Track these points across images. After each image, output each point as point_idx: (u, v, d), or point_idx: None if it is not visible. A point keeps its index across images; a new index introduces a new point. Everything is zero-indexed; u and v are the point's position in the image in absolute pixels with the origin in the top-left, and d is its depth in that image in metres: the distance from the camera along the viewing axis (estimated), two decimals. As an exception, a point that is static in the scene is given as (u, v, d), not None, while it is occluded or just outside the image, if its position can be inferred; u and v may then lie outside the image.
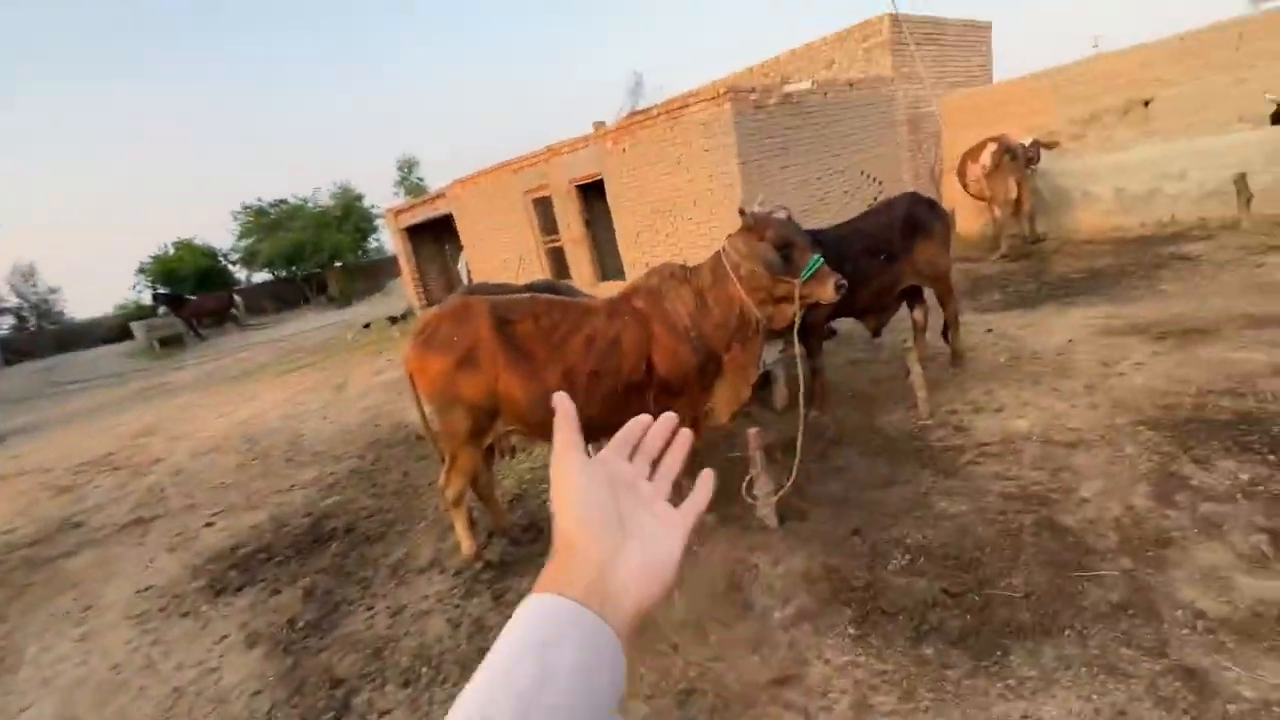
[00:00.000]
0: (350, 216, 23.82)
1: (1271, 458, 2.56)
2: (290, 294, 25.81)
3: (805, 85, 7.41)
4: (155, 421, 8.39)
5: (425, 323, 2.82)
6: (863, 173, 8.56)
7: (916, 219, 3.88)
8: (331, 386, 8.28)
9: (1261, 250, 5.48)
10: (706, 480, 0.51)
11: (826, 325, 4.01)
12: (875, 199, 8.54)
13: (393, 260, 21.84)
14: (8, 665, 2.99)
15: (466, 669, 2.35)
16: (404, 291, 15.33)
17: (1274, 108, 6.57)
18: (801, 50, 10.05)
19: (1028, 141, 7.44)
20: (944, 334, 4.27)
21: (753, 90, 6.93)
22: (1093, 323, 4.57)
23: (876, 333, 4.24)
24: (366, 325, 13.56)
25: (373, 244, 25.90)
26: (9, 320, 25.56)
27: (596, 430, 2.96)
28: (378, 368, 8.95)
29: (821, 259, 2.60)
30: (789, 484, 2.82)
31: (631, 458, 0.51)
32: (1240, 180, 6.28)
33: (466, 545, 2.96)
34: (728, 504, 3.09)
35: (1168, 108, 7.86)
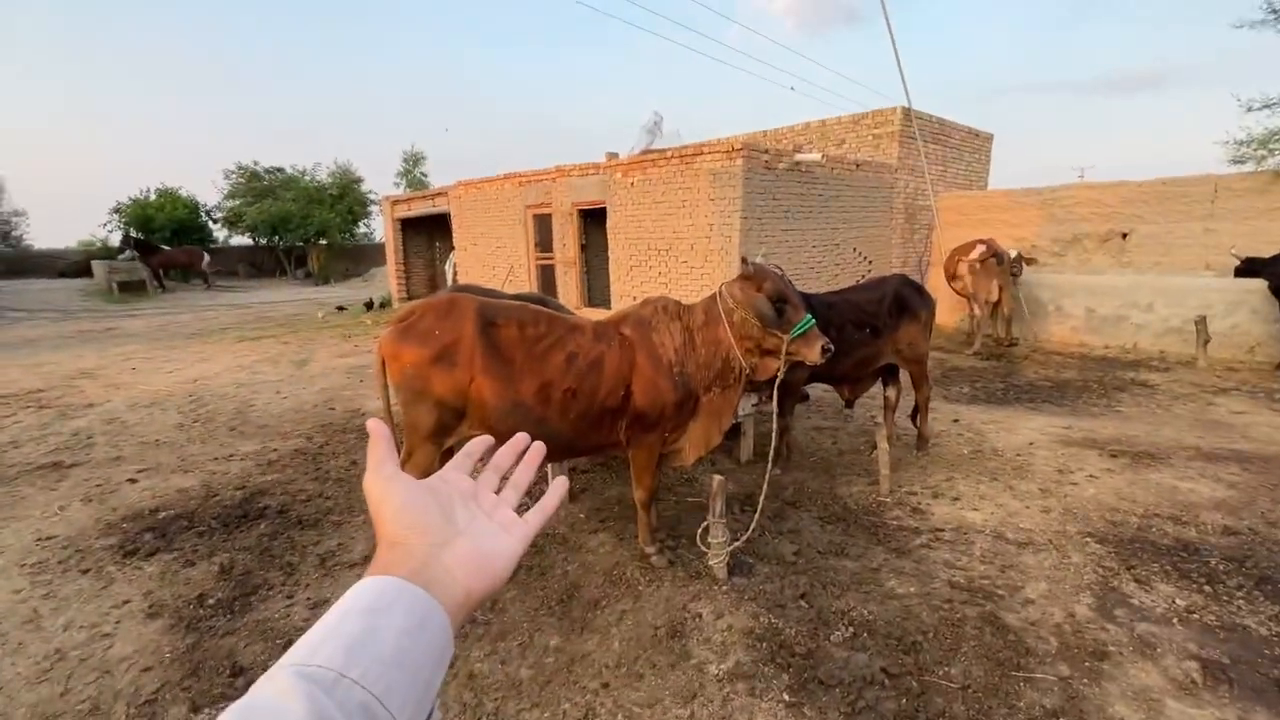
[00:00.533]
0: (345, 197, 23.53)
1: (1208, 588, 2.63)
2: (267, 263, 25.17)
3: (815, 156, 7.69)
4: (96, 365, 7.98)
5: (409, 310, 2.76)
6: (855, 250, 8.84)
7: (905, 300, 4.00)
8: (292, 361, 8.02)
9: (1214, 390, 5.78)
10: (557, 488, 0.57)
11: (803, 388, 4.06)
12: (863, 276, 8.82)
13: (379, 248, 21.57)
14: (-127, 596, 2.72)
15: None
16: (385, 280, 15.11)
17: (1237, 263, 7.04)
18: (816, 125, 10.47)
19: (1013, 254, 7.81)
20: (913, 416, 4.36)
21: (765, 151, 7.15)
22: (1053, 430, 4.71)
23: (849, 404, 4.31)
24: (340, 308, 13.29)
25: (362, 229, 25.58)
26: (-38, 236, 24.38)
27: (563, 450, 2.91)
28: (343, 350, 8.72)
29: (813, 320, 2.65)
30: (743, 538, 2.79)
31: (478, 473, 0.56)
32: (1201, 322, 6.66)
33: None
34: (679, 547, 3.04)
35: (1143, 242, 8.36)
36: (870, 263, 9.13)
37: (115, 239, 21.92)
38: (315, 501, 3.66)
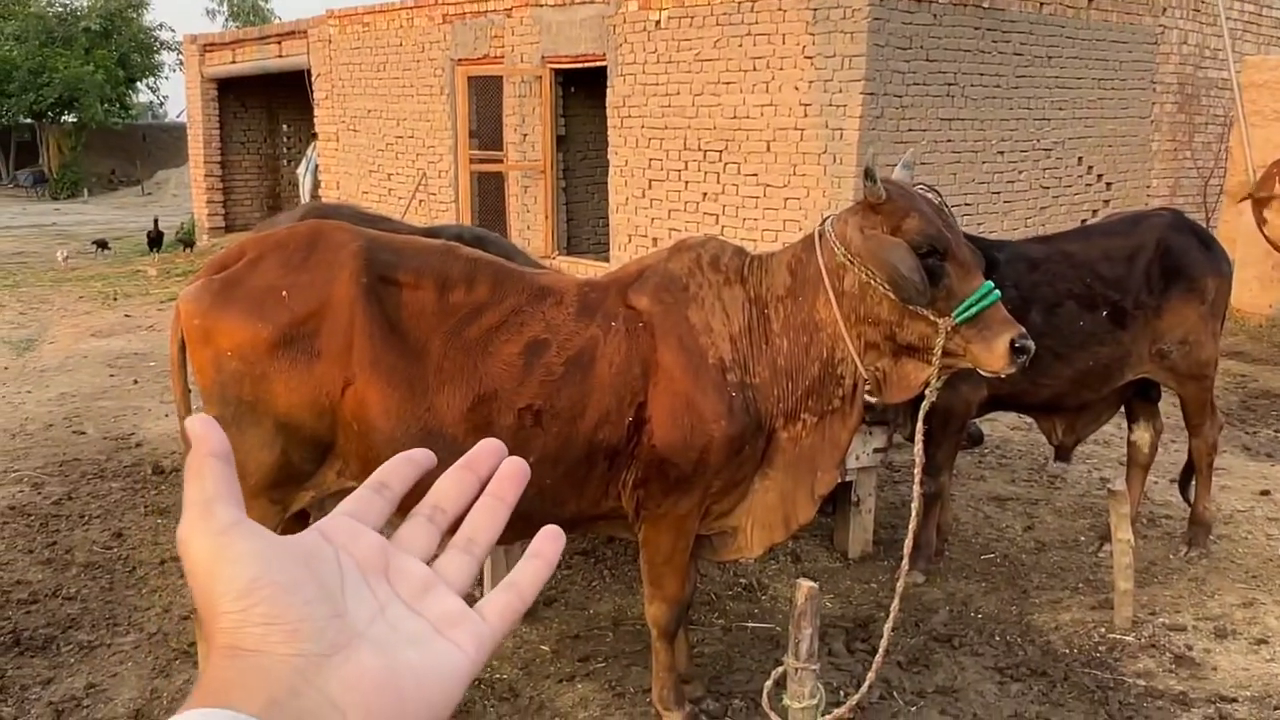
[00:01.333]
0: (113, 38, 23.82)
1: None
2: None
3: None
4: None
5: (235, 251, 2.81)
6: (1081, 160, 8.82)
7: (1178, 258, 3.99)
8: (7, 343, 8.15)
9: None
10: (544, 547, 0.55)
11: (973, 420, 4.07)
12: (1094, 213, 8.77)
13: (176, 132, 21.76)
14: None
15: None
16: (187, 194, 15.23)
17: None
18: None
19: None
20: (1183, 481, 4.35)
21: (913, -31, 7.16)
22: None
23: (1063, 452, 4.31)
24: (101, 244, 13.37)
25: (143, 96, 25.86)
26: None
27: (519, 520, 2.93)
28: (101, 324, 8.84)
29: (997, 292, 2.63)
30: (854, 699, 2.80)
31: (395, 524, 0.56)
32: None
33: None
34: (728, 713, 3.07)
35: None
36: (1109, 185, 9.10)
37: None
38: (46, 604, 3.73)
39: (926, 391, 2.71)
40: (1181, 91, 9.78)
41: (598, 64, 8.64)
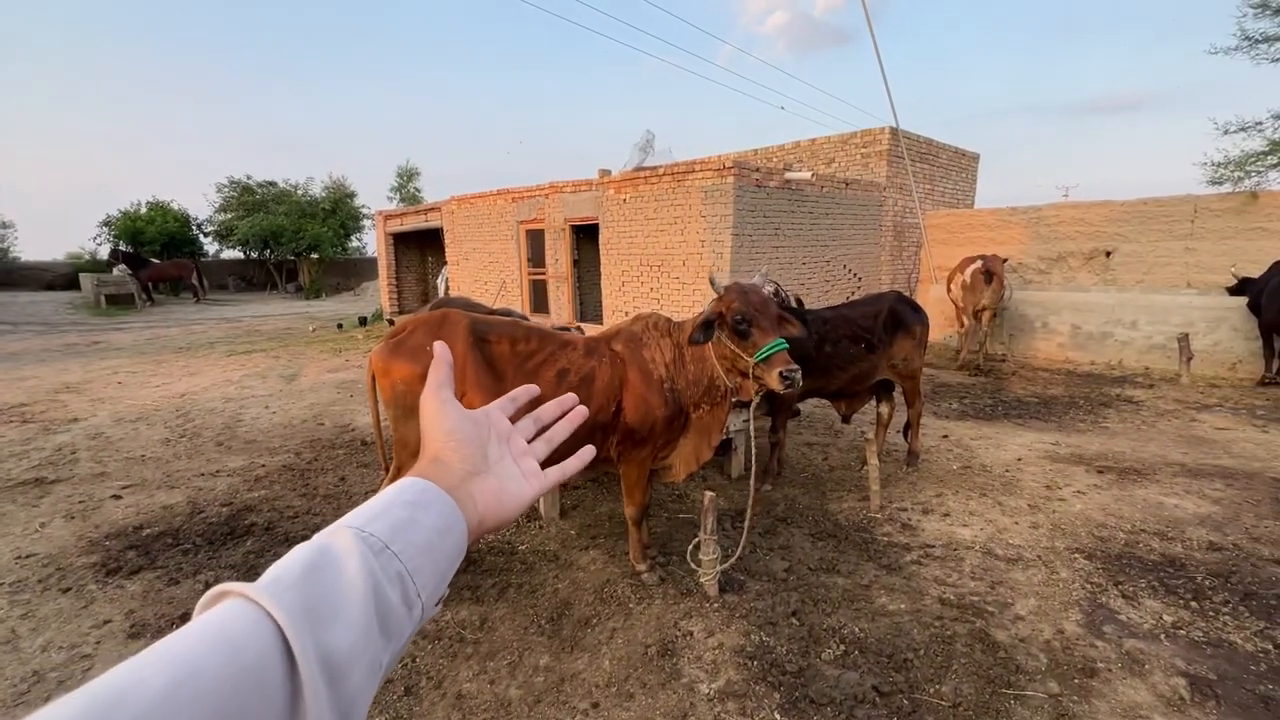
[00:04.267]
0: (338, 211, 23.53)
1: (1194, 604, 2.65)
2: (258, 276, 25.08)
3: (805, 174, 7.78)
4: (81, 379, 7.88)
5: (400, 326, 2.76)
6: (846, 267, 8.93)
7: (900, 315, 4.04)
8: (281, 376, 7.96)
9: (1197, 407, 5.86)
10: (583, 453, 0.64)
11: (796, 403, 4.08)
12: (853, 293, 8.90)
13: (372, 262, 21.51)
14: None
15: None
16: (377, 295, 15.04)
17: (1232, 282, 7.15)
18: (806, 144, 10.62)
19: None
20: (904, 432, 4.38)
21: (756, 169, 7.24)
22: (1041, 446, 4.75)
23: (846, 419, 4.33)
24: (339, 325, 13.10)
25: (355, 243, 25.56)
26: (-53, 248, 24.14)
27: (562, 457, 2.91)
28: (333, 365, 8.67)
29: (783, 344, 2.48)
30: (735, 555, 2.78)
31: (517, 419, 0.61)
32: (1184, 339, 6.76)
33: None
34: (670, 564, 3.03)
35: (1126, 260, 8.50)
36: (860, 279, 9.23)
37: (104, 252, 21.77)
38: (304, 518, 3.62)
39: (756, 395, 2.64)
40: (894, 229, 9.97)
41: (593, 222, 8.66)
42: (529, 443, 0.59)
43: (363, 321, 12.93)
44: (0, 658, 2.39)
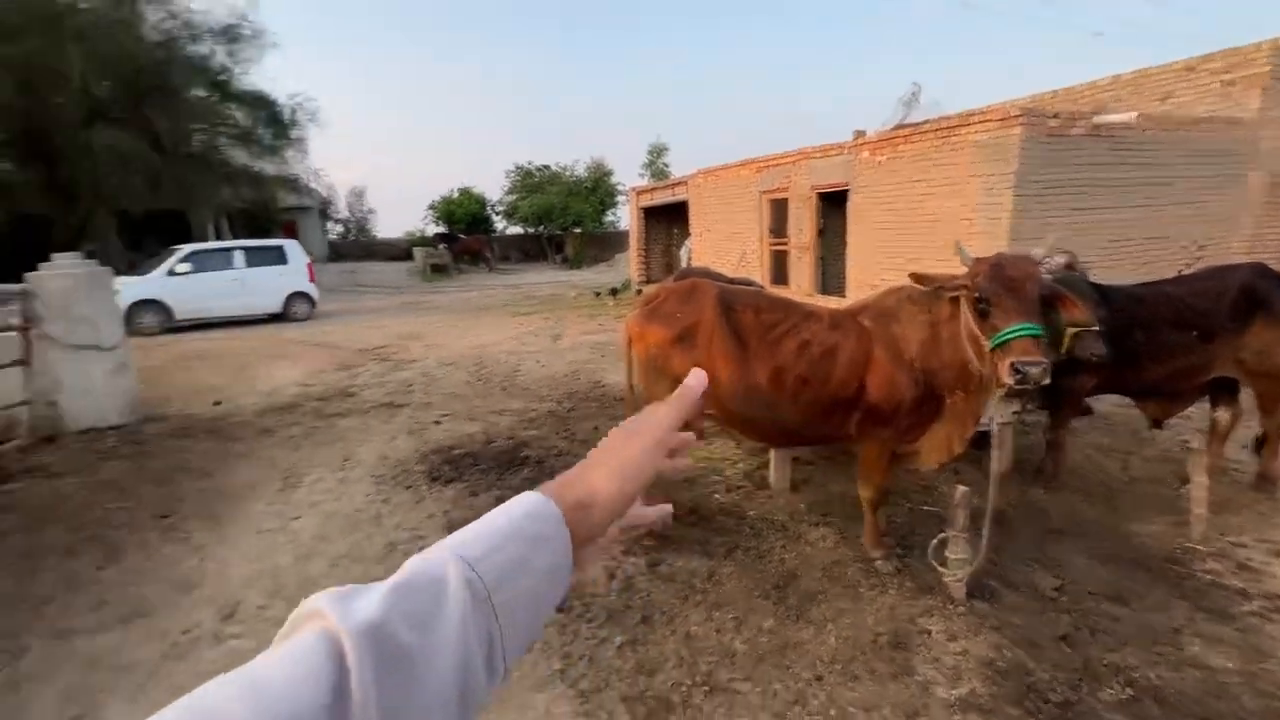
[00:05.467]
0: (598, 189, 26.07)
1: None
2: (533, 249, 29.20)
3: (1127, 117, 6.27)
4: (415, 330, 10.17)
5: (654, 294, 3.00)
6: (1183, 233, 7.02)
7: (1259, 295, 3.09)
8: (548, 335, 9.24)
9: None
10: (661, 511, 0.54)
11: (1086, 400, 3.42)
12: (1187, 266, 6.97)
13: (623, 235, 23.35)
14: (292, 482, 3.92)
15: (611, 617, 2.50)
16: (626, 266, 16.38)
17: None
18: (1129, 78, 8.49)
19: None
20: (1255, 447, 3.38)
21: (1054, 116, 6.05)
22: None
23: (1158, 423, 3.51)
24: (598, 294, 14.26)
25: (609, 217, 28.08)
26: (338, 229, 32.67)
27: (791, 436, 2.92)
28: (588, 329, 9.76)
29: (1028, 330, 2.07)
30: (981, 557, 2.48)
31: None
32: None
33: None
34: (908, 556, 2.84)
35: None
36: (1202, 249, 7.19)
37: (430, 230, 27.48)
38: (566, 457, 4.21)
39: (1004, 386, 2.21)
40: (1269, 183, 7.50)
41: (843, 188, 8.20)
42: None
43: (614, 292, 14.21)
44: (371, 529, 3.30)
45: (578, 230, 26.10)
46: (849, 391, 2.57)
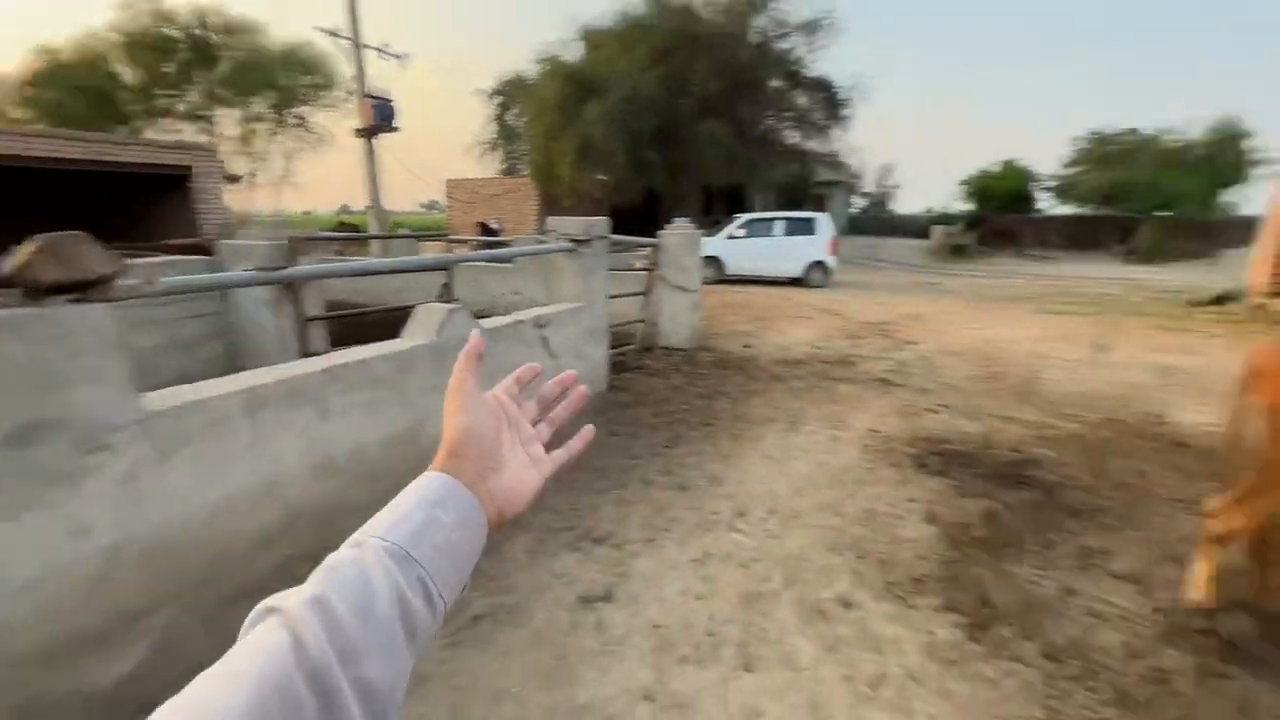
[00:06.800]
0: (1217, 159, 18.98)
1: None
2: (1083, 235, 23.83)
3: None
4: (922, 311, 9.89)
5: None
6: None
7: None
8: (1090, 344, 7.53)
9: None
10: (584, 434, 0.60)
11: None
12: None
13: (1244, 224, 16.69)
14: (794, 426, 4.53)
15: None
16: (1241, 268, 11.59)
17: None
18: None
19: None
20: None
21: None
22: None
23: None
24: (1219, 300, 10.65)
25: (1228, 198, 20.21)
26: (862, 203, 34.05)
27: None
28: (1159, 344, 7.48)
29: None
30: None
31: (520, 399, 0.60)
32: None
33: (1196, 590, 2.36)
34: None
35: None
36: None
37: (954, 207, 25.68)
38: (1089, 494, 3.48)
39: None
40: None
41: None
42: (535, 425, 0.59)
43: (1219, 301, 10.33)
44: (853, 489, 3.52)
45: (1165, 214, 19.82)
46: None
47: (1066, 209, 24.18)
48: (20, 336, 1.56)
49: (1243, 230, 15.46)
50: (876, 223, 30.39)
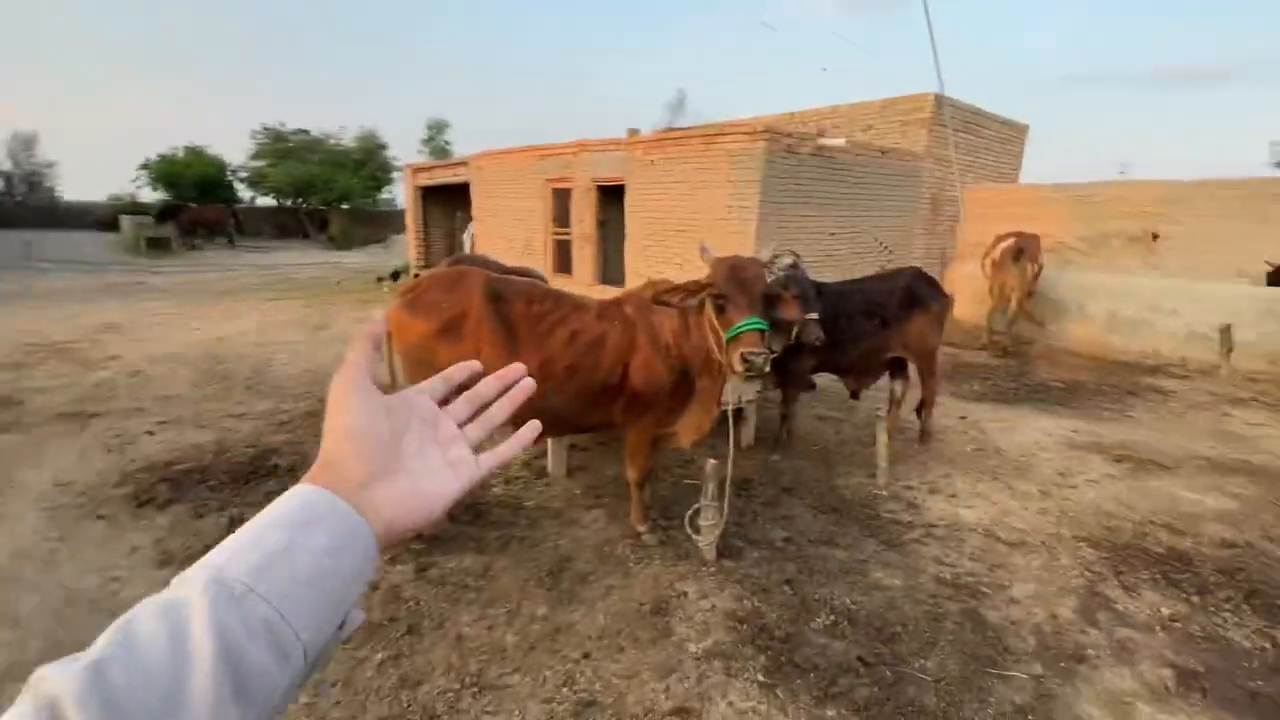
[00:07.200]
0: (369, 163, 23.64)
1: (1195, 599, 2.63)
2: (290, 224, 25.46)
3: (840, 142, 7.55)
4: (121, 319, 8.19)
5: (417, 283, 2.81)
6: (877, 239, 8.71)
7: (916, 293, 3.96)
8: (310, 325, 8.16)
9: (1231, 400, 5.67)
10: (522, 436, 0.53)
11: (809, 376, 4.06)
12: (884, 266, 8.70)
13: (400, 215, 21.66)
14: (-95, 529, 2.88)
15: (374, 634, 2.31)
16: (404, 248, 15.17)
17: (1269, 269, 6.83)
18: (844, 109, 10.25)
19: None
20: (918, 410, 4.35)
21: (789, 135, 7.04)
22: (1060, 432, 4.67)
23: (855, 395, 4.30)
24: (395, 275, 12.80)
25: (385, 195, 25.71)
26: (-2, 184, 24.90)
27: (562, 426, 2.96)
28: (361, 316, 8.85)
29: (755, 324, 2.34)
30: (723, 520, 2.82)
31: (449, 401, 0.54)
32: (1226, 331, 6.50)
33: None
34: (671, 527, 3.10)
35: (1174, 245, 8.13)
36: (891, 253, 9.00)
37: (143, 195, 22.32)
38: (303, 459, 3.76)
39: (726, 372, 2.55)
40: (931, 202, 9.67)
41: (620, 182, 8.56)
42: (463, 426, 0.52)
43: (395, 276, 13.05)
44: (39, 578, 2.58)
45: (345, 207, 23.40)
46: (614, 379, 2.69)
47: (269, 200, 25.02)
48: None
49: (401, 219, 20.09)
50: (29, 212, 22.93)
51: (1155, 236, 8.26)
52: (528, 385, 0.56)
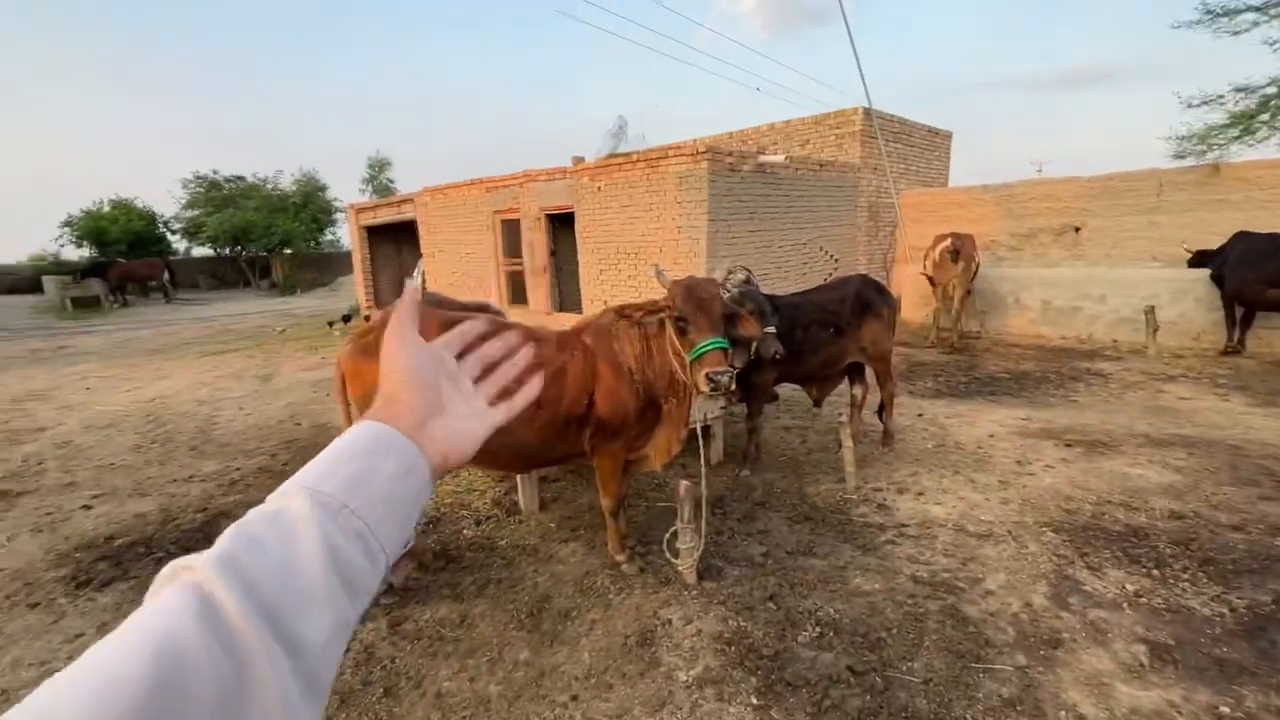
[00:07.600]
0: (309, 205, 23.01)
1: (1155, 572, 2.73)
2: (230, 274, 24.53)
3: (779, 158, 7.77)
4: (47, 386, 7.68)
5: (370, 326, 2.71)
6: (822, 249, 8.96)
7: (866, 299, 4.07)
8: (256, 376, 7.82)
9: (1163, 377, 6.00)
10: (529, 391, 0.61)
11: (773, 388, 4.10)
12: (829, 275, 8.94)
13: (346, 256, 21.14)
14: None
15: (347, 701, 2.18)
16: (353, 290, 14.80)
17: (1188, 256, 7.32)
18: (781, 126, 10.58)
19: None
20: (879, 413, 4.43)
21: (730, 154, 7.20)
22: (1012, 422, 4.84)
23: (818, 403, 4.36)
24: (346, 318, 12.49)
25: (329, 236, 25.05)
26: (-100, 252, 23.27)
27: (530, 461, 2.89)
28: (309, 364, 8.54)
29: (718, 344, 2.39)
30: (701, 541, 2.79)
31: (463, 356, 0.59)
32: (1149, 312, 6.91)
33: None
34: (649, 553, 3.05)
35: (1095, 236, 8.65)
36: (837, 261, 9.27)
37: (67, 253, 21.18)
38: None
39: (692, 391, 2.56)
40: (869, 210, 10.00)
41: (569, 210, 8.57)
42: (475, 383, 0.58)
43: (346, 319, 12.67)
44: (-33, 678, 2.34)
45: (288, 251, 22.69)
46: (580, 409, 2.65)
47: (206, 250, 24.06)
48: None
49: (347, 260, 19.56)
50: (-60, 278, 21.44)
51: (1077, 229, 8.77)
52: (528, 354, 0.63)
